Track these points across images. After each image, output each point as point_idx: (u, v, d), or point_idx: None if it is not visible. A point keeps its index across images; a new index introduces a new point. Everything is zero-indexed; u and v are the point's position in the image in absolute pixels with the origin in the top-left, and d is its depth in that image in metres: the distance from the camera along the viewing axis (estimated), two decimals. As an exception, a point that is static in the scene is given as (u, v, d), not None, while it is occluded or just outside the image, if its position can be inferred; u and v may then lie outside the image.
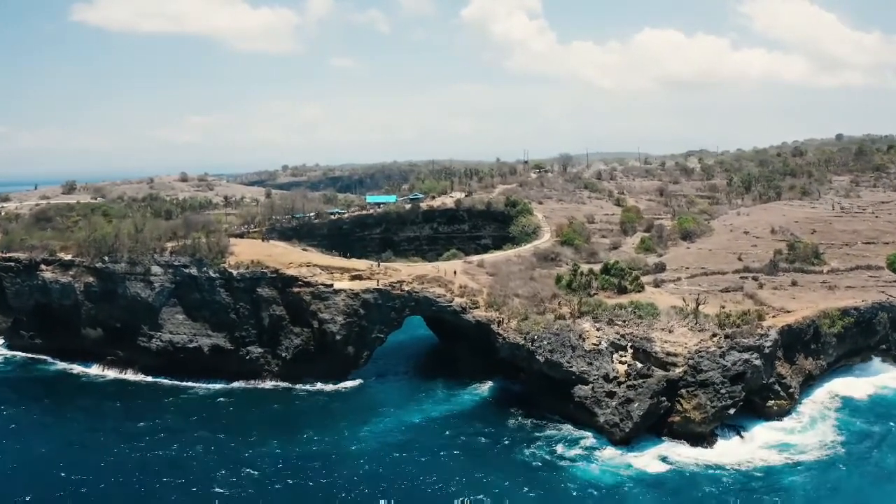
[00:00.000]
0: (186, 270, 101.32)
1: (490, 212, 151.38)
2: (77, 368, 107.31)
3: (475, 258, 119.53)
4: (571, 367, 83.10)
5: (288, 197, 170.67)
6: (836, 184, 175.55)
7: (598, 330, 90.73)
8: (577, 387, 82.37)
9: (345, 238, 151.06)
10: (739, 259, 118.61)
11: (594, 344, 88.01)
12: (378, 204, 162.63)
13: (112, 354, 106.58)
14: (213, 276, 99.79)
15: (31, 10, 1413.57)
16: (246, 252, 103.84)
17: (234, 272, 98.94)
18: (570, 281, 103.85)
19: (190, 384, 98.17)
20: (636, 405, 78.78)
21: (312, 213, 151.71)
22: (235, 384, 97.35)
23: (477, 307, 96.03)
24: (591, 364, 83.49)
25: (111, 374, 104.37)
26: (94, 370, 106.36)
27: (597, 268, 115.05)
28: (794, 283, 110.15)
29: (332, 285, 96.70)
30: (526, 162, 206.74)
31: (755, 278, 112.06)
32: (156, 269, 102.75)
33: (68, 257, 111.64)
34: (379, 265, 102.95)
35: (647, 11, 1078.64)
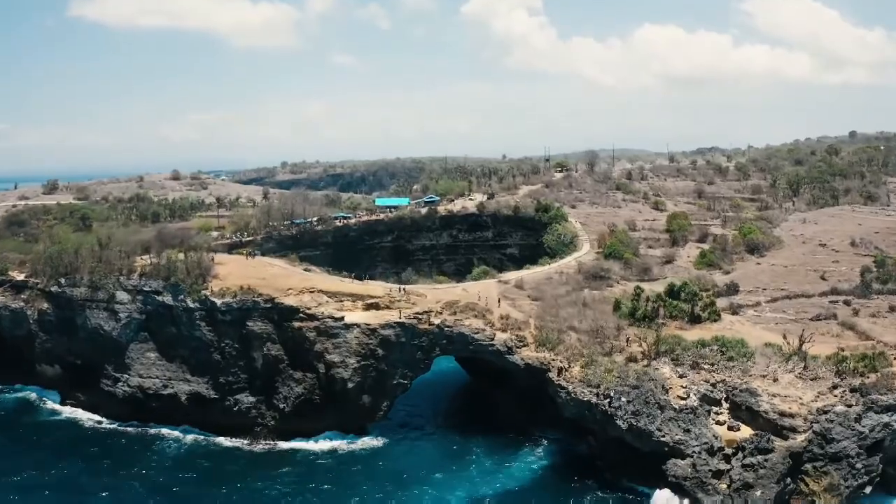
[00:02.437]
0: (159, 298, 78.61)
1: (518, 217, 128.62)
2: (34, 396, 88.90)
3: (511, 276, 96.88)
4: (663, 435, 60.87)
5: (287, 200, 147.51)
6: (891, 185, 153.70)
7: (681, 377, 69.10)
8: (671, 462, 60.27)
9: (352, 247, 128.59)
10: (823, 278, 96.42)
11: (680, 397, 66.12)
12: (389, 207, 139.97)
13: (72, 398, 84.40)
14: (192, 306, 76.99)
15: (29, 5, 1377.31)
16: (234, 274, 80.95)
17: (218, 301, 76.05)
18: (632, 309, 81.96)
19: (164, 431, 76.70)
20: (759, 493, 56.52)
21: (315, 219, 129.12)
22: (221, 439, 75.20)
23: (524, 345, 73.84)
24: (687, 431, 61.37)
25: (68, 411, 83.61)
26: (52, 404, 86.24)
27: (657, 288, 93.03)
28: (892, 309, 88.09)
29: (342, 318, 74.07)
30: (548, 160, 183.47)
31: (847, 302, 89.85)
32: (121, 295, 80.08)
33: (21, 277, 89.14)
34: (401, 290, 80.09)
35: (647, 7, 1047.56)
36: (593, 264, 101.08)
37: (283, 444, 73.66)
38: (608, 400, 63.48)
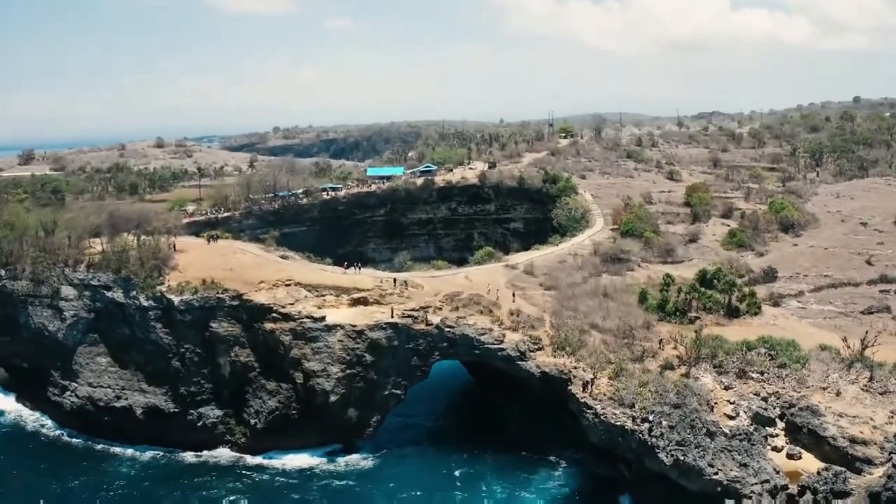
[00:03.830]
0: (109, 294, 65.53)
1: (523, 189, 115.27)
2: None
3: (519, 259, 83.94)
4: (716, 472, 48.47)
5: (271, 170, 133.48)
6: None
7: (726, 388, 56.85)
8: (725, 505, 48.05)
9: (340, 222, 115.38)
10: (868, 263, 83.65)
11: (728, 416, 53.94)
12: (381, 177, 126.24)
13: (26, 400, 72.14)
14: (146, 304, 63.90)
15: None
16: (197, 264, 67.68)
17: (176, 299, 62.92)
18: (661, 300, 69.47)
19: (116, 450, 64.44)
20: (840, 552, 44.56)
21: (300, 191, 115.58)
22: (186, 455, 63.05)
23: (539, 348, 61.35)
24: (744, 465, 49.02)
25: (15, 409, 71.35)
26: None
27: (685, 273, 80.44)
28: (953, 298, 75.82)
29: (323, 318, 61.05)
30: (551, 125, 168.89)
31: (900, 291, 77.65)
32: (67, 290, 66.99)
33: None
34: (396, 284, 66.81)
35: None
36: (610, 245, 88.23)
37: (253, 460, 61.38)
38: (647, 425, 51.08)
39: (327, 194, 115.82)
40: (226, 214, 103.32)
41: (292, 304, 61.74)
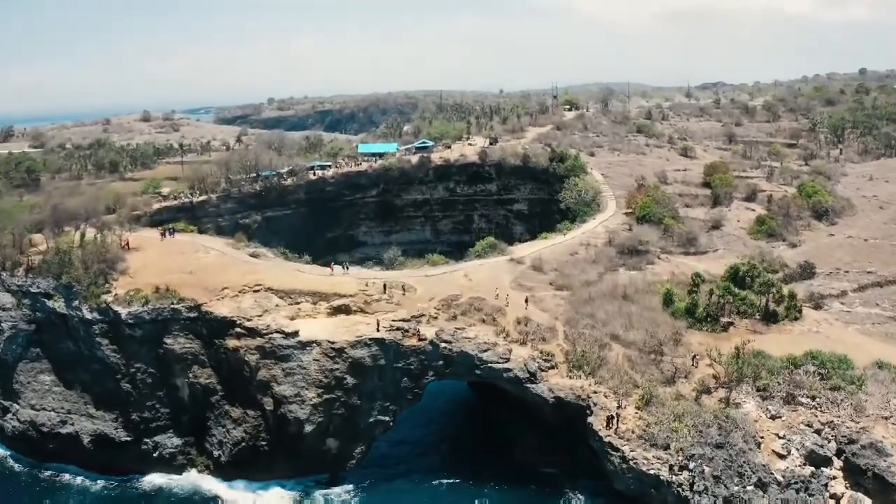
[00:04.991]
0: (50, 303, 55.22)
1: (527, 168, 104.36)
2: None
3: (525, 251, 73.43)
4: (772, 535, 38.96)
5: (254, 148, 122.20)
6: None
7: (773, 418, 47.16)
8: (783, 577, 38.48)
9: (328, 204, 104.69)
10: (917, 256, 73.64)
11: (778, 454, 44.39)
12: (374, 155, 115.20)
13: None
14: (89, 316, 53.45)
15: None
16: (151, 266, 57.11)
17: (124, 311, 52.38)
18: (690, 304, 59.51)
19: (65, 478, 55.11)
20: None
21: (285, 170, 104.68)
22: (143, 483, 53.56)
23: (552, 366, 51.40)
24: (806, 525, 39.46)
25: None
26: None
27: (711, 268, 70.47)
28: None
29: (296, 333, 50.84)
30: (555, 97, 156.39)
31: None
32: (4, 297, 56.68)
33: None
34: (385, 290, 56.40)
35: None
36: (626, 233, 77.94)
37: (220, 491, 51.82)
38: (686, 474, 41.27)
39: (314, 174, 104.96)
40: (202, 198, 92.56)
41: (260, 315, 51.41)
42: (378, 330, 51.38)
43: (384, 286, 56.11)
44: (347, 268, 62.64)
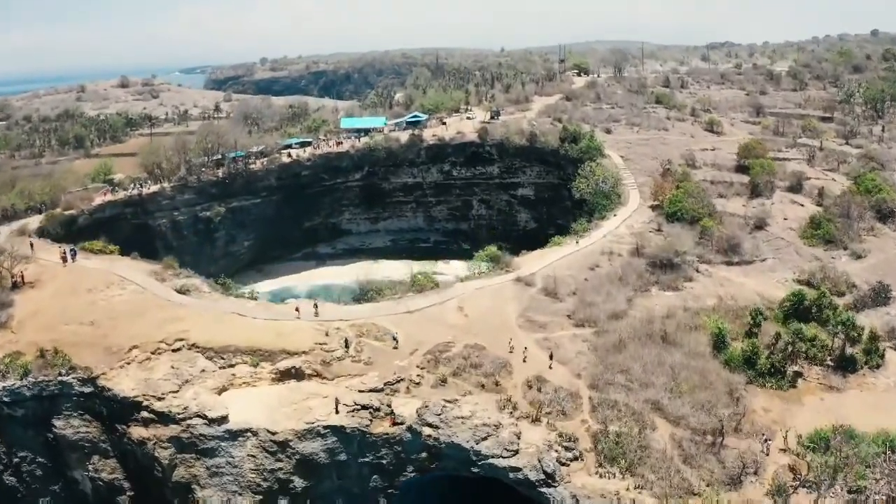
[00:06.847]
0: None
1: (534, 148, 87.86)
2: None
3: (534, 264, 57.41)
4: None
5: (222, 124, 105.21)
6: None
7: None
8: None
9: (304, 190, 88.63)
10: None
11: None
12: (359, 131, 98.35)
13: None
14: (-53, 388, 38.14)
15: None
16: (43, 313, 41.29)
17: (-2, 384, 37.23)
18: (750, 352, 44.11)
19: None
20: None
21: (256, 150, 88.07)
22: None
23: (576, 456, 36.19)
24: None
25: None
26: None
27: (758, 285, 55.14)
28: None
29: (224, 419, 35.54)
30: (563, 61, 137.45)
31: None
32: None
33: None
34: (348, 345, 40.57)
35: None
36: (655, 236, 62.39)
37: None
38: None
39: (290, 155, 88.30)
40: (153, 189, 76.19)
41: (176, 391, 35.95)
42: (336, 411, 35.88)
43: (345, 342, 40.26)
44: (317, 307, 46.36)
